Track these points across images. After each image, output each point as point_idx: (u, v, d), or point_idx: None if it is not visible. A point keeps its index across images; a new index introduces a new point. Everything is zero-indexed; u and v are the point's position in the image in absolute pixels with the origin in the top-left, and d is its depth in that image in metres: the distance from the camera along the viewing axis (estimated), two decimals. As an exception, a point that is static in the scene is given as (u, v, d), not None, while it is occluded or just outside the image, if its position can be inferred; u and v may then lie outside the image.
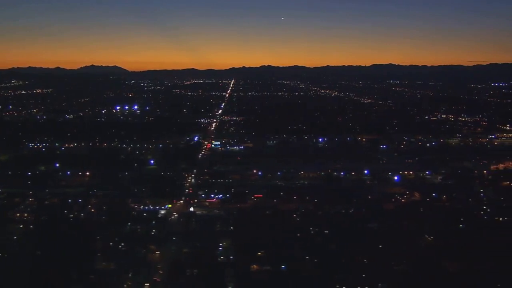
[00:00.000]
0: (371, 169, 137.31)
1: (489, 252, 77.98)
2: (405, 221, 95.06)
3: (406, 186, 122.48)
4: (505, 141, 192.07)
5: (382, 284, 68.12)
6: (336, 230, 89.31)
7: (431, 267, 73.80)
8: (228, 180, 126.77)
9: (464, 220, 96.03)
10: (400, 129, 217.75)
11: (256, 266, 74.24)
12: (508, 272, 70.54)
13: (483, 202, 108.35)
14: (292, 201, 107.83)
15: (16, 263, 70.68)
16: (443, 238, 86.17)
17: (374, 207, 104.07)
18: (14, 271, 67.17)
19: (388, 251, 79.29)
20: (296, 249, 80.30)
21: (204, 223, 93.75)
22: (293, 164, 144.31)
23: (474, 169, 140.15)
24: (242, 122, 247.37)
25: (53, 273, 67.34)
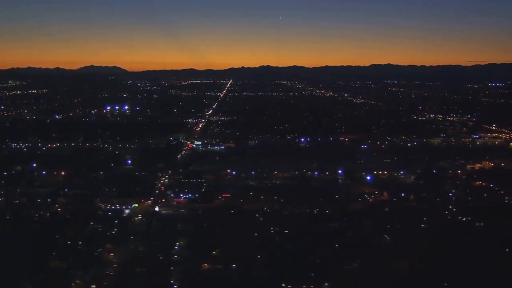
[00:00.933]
0: (346, 169, 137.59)
1: (443, 252, 78.16)
2: (367, 221, 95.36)
3: (377, 186, 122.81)
4: (487, 141, 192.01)
5: (328, 284, 68.41)
6: (296, 230, 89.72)
7: (381, 266, 74.03)
8: (200, 180, 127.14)
9: (426, 220, 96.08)
10: (385, 129, 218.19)
11: (207, 265, 74.61)
12: (457, 271, 70.89)
13: (450, 202, 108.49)
14: (259, 201, 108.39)
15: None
16: (401, 238, 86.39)
17: (339, 207, 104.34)
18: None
19: (343, 250, 79.70)
20: (252, 248, 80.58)
21: (166, 223, 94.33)
22: (270, 164, 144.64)
23: (449, 169, 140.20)
24: (230, 122, 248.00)
25: (1, 271, 67.90)
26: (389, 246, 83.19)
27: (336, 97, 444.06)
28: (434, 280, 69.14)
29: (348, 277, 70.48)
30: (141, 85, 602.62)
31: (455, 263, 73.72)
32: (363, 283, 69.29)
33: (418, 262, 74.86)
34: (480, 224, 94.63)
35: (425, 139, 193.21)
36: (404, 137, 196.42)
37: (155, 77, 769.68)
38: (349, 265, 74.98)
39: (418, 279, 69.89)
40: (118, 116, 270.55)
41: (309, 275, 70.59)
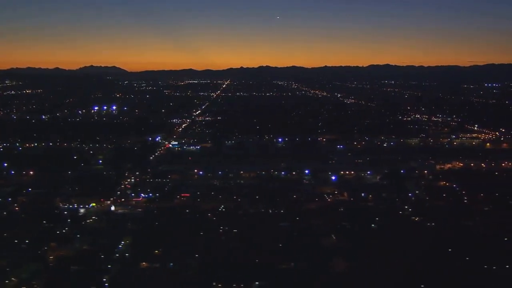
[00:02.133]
0: (315, 169, 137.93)
1: (387, 252, 78.50)
2: (318, 221, 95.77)
3: (340, 186, 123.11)
4: (465, 141, 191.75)
5: (259, 283, 68.91)
6: (245, 229, 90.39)
7: (318, 266, 74.52)
8: (166, 179, 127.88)
9: (378, 220, 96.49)
10: (366, 129, 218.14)
11: (145, 263, 75.28)
12: (395, 272, 71.23)
13: (408, 202, 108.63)
14: (216, 201, 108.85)
15: None
16: (348, 238, 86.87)
17: (294, 206, 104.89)
18: None
19: (286, 250, 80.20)
20: (196, 247, 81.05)
21: (118, 222, 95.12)
22: (240, 164, 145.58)
23: (418, 169, 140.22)
24: (213, 123, 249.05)
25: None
26: (333, 246, 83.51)
27: (328, 97, 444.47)
28: (365, 280, 69.56)
29: (279, 277, 70.92)
30: (137, 85, 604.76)
31: (392, 263, 73.98)
32: (292, 283, 69.75)
33: (356, 262, 75.37)
34: (431, 224, 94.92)
35: (402, 139, 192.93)
36: (383, 137, 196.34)
37: (153, 78, 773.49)
38: (286, 264, 75.34)
39: (349, 279, 70.31)
40: (104, 116, 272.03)
41: (242, 274, 70.95)
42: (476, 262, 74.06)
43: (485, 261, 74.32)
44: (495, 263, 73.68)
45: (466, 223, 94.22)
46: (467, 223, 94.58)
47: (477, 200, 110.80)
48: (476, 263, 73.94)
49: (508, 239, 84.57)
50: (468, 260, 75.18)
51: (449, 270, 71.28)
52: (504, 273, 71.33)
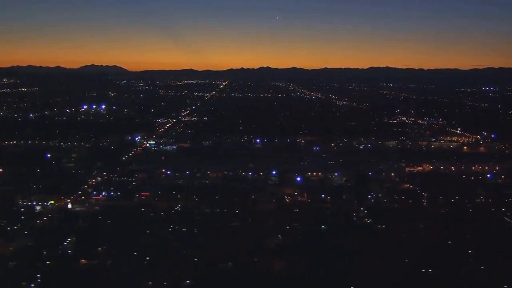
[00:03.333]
0: (283, 170, 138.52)
1: (327, 253, 79.18)
2: (271, 221, 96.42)
3: (303, 187, 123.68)
4: (443, 144, 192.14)
5: (189, 281, 69.68)
6: (195, 229, 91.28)
7: (254, 266, 75.24)
8: (131, 178, 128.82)
9: (330, 221, 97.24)
10: (348, 131, 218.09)
11: (84, 260, 76.19)
12: (328, 273, 71.93)
13: (365, 204, 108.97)
14: (175, 200, 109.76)
15: None
16: (293, 238, 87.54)
17: (250, 206, 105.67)
18: None
19: (228, 249, 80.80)
20: (139, 246, 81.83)
21: (70, 219, 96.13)
22: (211, 164, 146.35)
23: (386, 171, 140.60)
24: (198, 123, 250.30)
25: None
26: (277, 246, 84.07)
27: (321, 99, 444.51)
28: (297, 280, 70.26)
29: (212, 276, 71.62)
30: (135, 84, 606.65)
31: (327, 264, 74.68)
32: (223, 282, 70.38)
33: (298, 262, 75.96)
34: (382, 226, 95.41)
35: (381, 141, 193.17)
36: (362, 139, 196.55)
37: (153, 77, 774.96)
38: (224, 264, 76.00)
39: (281, 278, 70.95)
40: (91, 116, 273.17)
41: (176, 272, 71.72)
42: (411, 265, 74.47)
43: (422, 264, 74.72)
44: (432, 266, 74.00)
45: (416, 226, 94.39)
46: (417, 226, 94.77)
47: (435, 203, 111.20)
48: (411, 265, 74.34)
49: (453, 243, 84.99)
50: (404, 262, 75.51)
51: (382, 271, 71.61)
52: (437, 276, 71.73)
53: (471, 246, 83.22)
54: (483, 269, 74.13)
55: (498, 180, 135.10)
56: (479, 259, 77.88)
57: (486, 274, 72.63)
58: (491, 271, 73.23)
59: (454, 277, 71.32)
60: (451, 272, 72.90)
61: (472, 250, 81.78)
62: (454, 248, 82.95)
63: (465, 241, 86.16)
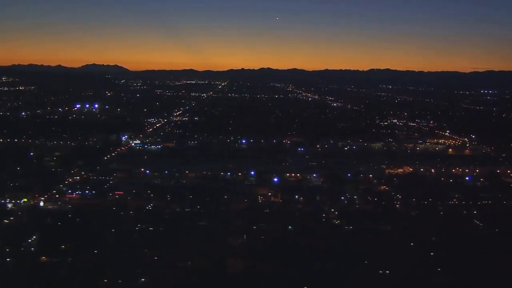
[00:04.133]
0: (262, 170, 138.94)
1: (290, 253, 79.49)
2: (239, 221, 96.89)
3: (278, 187, 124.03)
4: (428, 146, 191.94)
5: (144, 279, 70.19)
6: (162, 227, 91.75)
7: (213, 265, 75.64)
8: (109, 177, 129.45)
9: (299, 222, 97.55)
10: (336, 133, 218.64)
11: (45, 258, 76.82)
12: (286, 273, 72.37)
13: (337, 206, 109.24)
14: (147, 199, 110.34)
15: None
16: (257, 238, 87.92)
17: (222, 206, 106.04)
18: None
19: (191, 248, 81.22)
20: (102, 244, 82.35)
21: (40, 217, 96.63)
22: (191, 164, 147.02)
23: (365, 173, 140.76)
24: (188, 123, 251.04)
25: None
26: (239, 246, 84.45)
27: (317, 100, 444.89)
28: (252, 280, 70.67)
29: (171, 274, 72.10)
30: (133, 84, 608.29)
31: (287, 264, 75.00)
32: (180, 280, 70.89)
33: (256, 263, 76.36)
34: (349, 227, 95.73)
35: (366, 143, 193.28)
36: (349, 141, 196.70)
37: (153, 77, 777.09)
38: (183, 262, 76.49)
39: (237, 278, 71.38)
40: (83, 115, 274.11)
41: (134, 270, 72.23)
42: (368, 266, 74.78)
43: (380, 265, 74.95)
44: (390, 267, 74.23)
45: (383, 228, 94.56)
46: (385, 227, 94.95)
47: (408, 205, 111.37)
48: (368, 267, 74.65)
49: (416, 244, 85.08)
50: (362, 263, 75.76)
51: (336, 272, 71.93)
52: (392, 278, 72.00)
53: (433, 248, 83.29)
54: (439, 271, 74.19)
55: (476, 183, 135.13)
56: (438, 261, 77.98)
57: (441, 276, 72.83)
58: (448, 274, 73.43)
59: (408, 278, 71.37)
60: (407, 274, 72.94)
61: (434, 252, 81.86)
62: (416, 250, 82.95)
63: (428, 243, 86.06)
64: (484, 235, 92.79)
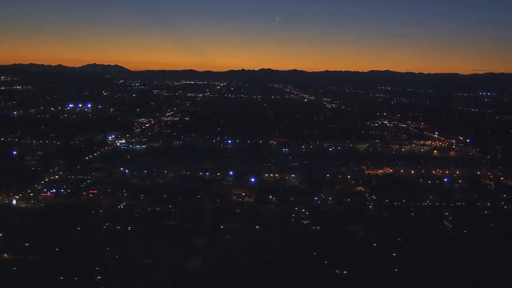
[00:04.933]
0: (242, 170, 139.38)
1: (252, 253, 79.95)
2: (208, 221, 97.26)
3: (255, 187, 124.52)
4: (414, 148, 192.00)
5: (101, 276, 70.72)
6: (130, 226, 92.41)
7: (172, 263, 76.05)
8: (88, 176, 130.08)
9: (268, 222, 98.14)
10: (324, 133, 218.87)
11: (7, 255, 77.47)
12: (242, 272, 72.85)
13: (309, 206, 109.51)
14: (120, 198, 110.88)
15: None
16: (222, 238, 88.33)
17: (194, 206, 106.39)
18: None
19: (154, 247, 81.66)
20: (67, 242, 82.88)
21: (9, 215, 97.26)
22: (173, 164, 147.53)
23: (344, 174, 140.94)
24: (178, 123, 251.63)
25: None
26: (204, 245, 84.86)
27: (313, 101, 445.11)
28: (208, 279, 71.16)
29: (128, 272, 72.48)
30: (132, 84, 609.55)
31: (246, 263, 75.39)
32: (138, 278, 71.29)
33: (214, 262, 76.85)
34: (317, 228, 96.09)
35: (352, 144, 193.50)
36: (335, 142, 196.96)
37: (152, 77, 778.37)
38: (145, 260, 77.01)
39: (196, 277, 71.81)
40: (74, 114, 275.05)
41: (92, 268, 72.76)
42: (327, 266, 75.07)
43: (338, 265, 75.26)
44: (347, 267, 74.55)
45: (351, 228, 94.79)
46: (352, 228, 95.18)
47: (380, 205, 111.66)
48: (326, 266, 74.95)
49: (380, 245, 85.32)
50: (321, 263, 76.00)
51: (292, 271, 72.21)
52: (347, 277, 72.32)
53: (396, 249, 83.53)
54: (397, 272, 74.45)
55: (454, 185, 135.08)
56: (399, 262, 78.22)
57: (399, 276, 73.09)
58: (405, 274, 73.66)
59: (363, 279, 71.64)
60: (364, 274, 73.23)
61: (396, 253, 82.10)
62: (379, 250, 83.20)
63: (393, 243, 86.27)
64: (450, 236, 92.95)
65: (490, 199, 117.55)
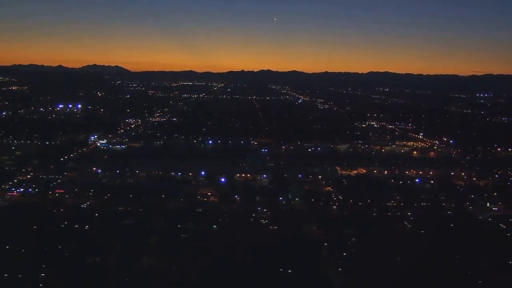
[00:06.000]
0: (216, 171, 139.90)
1: (202, 252, 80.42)
2: (167, 220, 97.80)
3: (223, 187, 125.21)
4: (394, 148, 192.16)
5: (44, 274, 71.44)
6: (87, 225, 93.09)
7: (120, 260, 76.69)
8: (59, 176, 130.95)
9: (226, 221, 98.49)
10: (309, 134, 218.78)
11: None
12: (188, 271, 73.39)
13: (273, 206, 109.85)
14: (86, 197, 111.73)
15: None
16: (176, 237, 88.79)
17: (156, 206, 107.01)
18: None
19: (106, 245, 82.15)
20: (19, 239, 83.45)
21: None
22: (147, 163, 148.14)
23: (317, 174, 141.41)
24: (164, 124, 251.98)
25: None
26: (157, 244, 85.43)
27: (307, 102, 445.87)
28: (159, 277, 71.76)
29: (74, 269, 73.22)
30: (129, 85, 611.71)
31: (196, 262, 75.84)
32: (83, 274, 71.94)
33: (165, 260, 77.41)
34: (274, 227, 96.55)
35: (333, 145, 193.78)
36: (317, 142, 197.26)
37: (151, 78, 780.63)
38: (91, 258, 77.70)
39: (146, 275, 72.43)
40: (62, 115, 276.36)
41: (39, 265, 73.49)
42: (274, 264, 75.37)
43: (284, 264, 75.64)
44: (294, 266, 74.94)
45: (308, 228, 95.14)
46: (310, 227, 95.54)
47: (344, 206, 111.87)
48: (274, 265, 75.24)
49: (333, 244, 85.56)
50: (269, 262, 76.25)
51: (237, 270, 72.64)
52: (292, 276, 72.68)
53: (347, 249, 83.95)
54: (340, 271, 74.84)
55: (425, 185, 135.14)
56: (347, 261, 78.66)
57: (341, 275, 73.49)
58: (349, 273, 74.09)
59: (308, 277, 71.97)
60: (308, 273, 73.59)
61: (345, 253, 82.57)
62: (328, 250, 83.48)
63: (344, 243, 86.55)
64: (406, 236, 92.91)
65: (456, 199, 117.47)
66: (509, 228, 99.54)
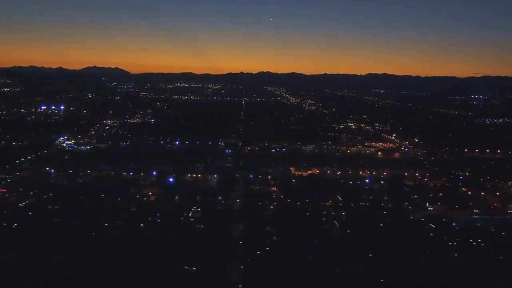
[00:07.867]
0: (169, 171, 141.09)
1: (125, 250, 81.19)
2: (96, 218, 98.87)
3: (168, 187, 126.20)
4: (360, 149, 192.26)
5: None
6: (17, 223, 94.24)
7: (37, 257, 77.67)
8: (10, 176, 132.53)
9: (155, 220, 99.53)
10: (281, 135, 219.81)
11: None
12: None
13: (210, 206, 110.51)
14: (27, 196, 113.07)
15: None
16: (104, 235, 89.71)
17: (92, 204, 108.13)
18: None
19: (34, 242, 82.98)
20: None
21: None
22: (103, 163, 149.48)
23: (270, 174, 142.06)
24: (140, 125, 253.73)
25: None
26: (83, 241, 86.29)
27: (295, 103, 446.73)
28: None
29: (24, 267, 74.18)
30: (124, 86, 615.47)
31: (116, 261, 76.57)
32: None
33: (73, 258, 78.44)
34: (201, 226, 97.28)
35: (299, 145, 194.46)
36: (285, 143, 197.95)
37: (149, 80, 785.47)
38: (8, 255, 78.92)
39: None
40: (43, 116, 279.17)
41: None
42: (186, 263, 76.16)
43: (189, 262, 76.42)
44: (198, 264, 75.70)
45: (234, 227, 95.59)
46: (236, 226, 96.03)
47: (281, 205, 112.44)
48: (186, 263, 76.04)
49: (253, 243, 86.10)
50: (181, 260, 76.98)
51: (157, 269, 73.44)
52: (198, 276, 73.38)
53: (264, 247, 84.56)
54: (245, 269, 75.44)
55: (374, 185, 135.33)
56: (262, 259, 79.37)
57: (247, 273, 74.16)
58: (254, 271, 74.73)
59: (213, 274, 72.73)
60: (209, 270, 74.29)
61: (261, 251, 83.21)
62: (246, 247, 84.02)
63: (263, 242, 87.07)
64: (328, 236, 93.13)
65: (397, 199, 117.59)
66: (437, 228, 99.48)
